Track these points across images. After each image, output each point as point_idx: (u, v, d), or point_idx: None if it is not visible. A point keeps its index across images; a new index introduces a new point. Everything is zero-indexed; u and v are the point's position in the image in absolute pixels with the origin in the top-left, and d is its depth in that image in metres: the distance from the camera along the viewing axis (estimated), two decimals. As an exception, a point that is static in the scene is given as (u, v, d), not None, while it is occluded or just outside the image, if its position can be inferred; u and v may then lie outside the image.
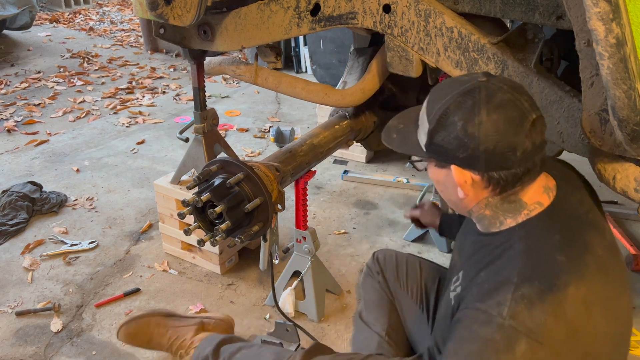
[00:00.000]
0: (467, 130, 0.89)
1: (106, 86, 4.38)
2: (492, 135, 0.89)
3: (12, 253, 2.13)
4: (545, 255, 0.90)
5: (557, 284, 0.85)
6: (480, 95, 0.90)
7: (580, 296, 0.86)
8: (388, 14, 1.29)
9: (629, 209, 2.42)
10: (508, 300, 0.84)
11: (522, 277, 0.87)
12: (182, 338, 1.53)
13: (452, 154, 0.92)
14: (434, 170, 1.01)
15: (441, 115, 0.92)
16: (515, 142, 0.89)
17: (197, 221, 1.25)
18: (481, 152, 0.90)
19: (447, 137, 0.92)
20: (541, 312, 0.83)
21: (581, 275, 0.87)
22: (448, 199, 1.04)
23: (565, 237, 0.93)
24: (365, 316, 1.51)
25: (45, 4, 7.64)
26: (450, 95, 0.93)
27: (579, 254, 0.90)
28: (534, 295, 0.84)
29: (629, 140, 0.90)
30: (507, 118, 0.89)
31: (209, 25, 1.56)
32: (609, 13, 0.79)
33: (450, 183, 0.97)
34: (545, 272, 0.87)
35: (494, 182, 0.93)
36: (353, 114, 1.78)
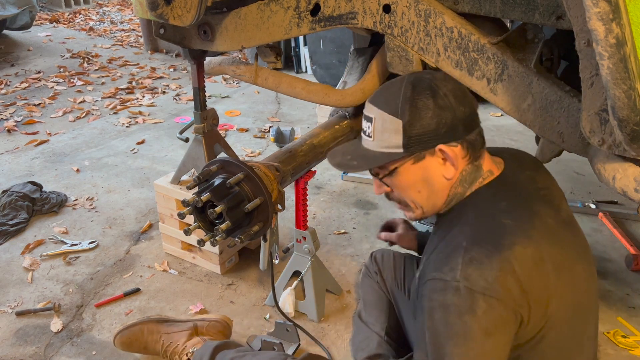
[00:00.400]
0: (440, 105, 0.96)
1: (106, 86, 4.38)
2: (460, 100, 0.98)
3: (12, 253, 2.13)
4: (492, 219, 0.95)
5: (504, 243, 0.90)
6: (426, 77, 0.99)
7: (529, 254, 0.90)
8: (388, 14, 1.29)
9: (629, 209, 2.42)
10: (459, 264, 0.89)
11: (471, 241, 0.92)
12: (175, 344, 1.54)
13: (434, 134, 0.97)
14: (409, 171, 1.02)
15: (410, 104, 0.96)
16: (472, 102, 1.01)
17: (197, 221, 1.25)
18: (458, 119, 0.97)
19: (424, 121, 0.96)
20: (491, 270, 0.88)
21: (528, 236, 0.92)
22: (427, 196, 1.05)
23: (512, 204, 0.98)
24: (364, 316, 1.51)
25: (45, 4, 7.64)
26: (398, 90, 0.99)
27: (526, 219, 0.95)
28: (482, 256, 0.89)
29: (629, 140, 0.90)
30: (457, 85, 1.01)
31: (209, 25, 1.56)
32: (608, 13, 0.79)
33: (433, 172, 1.01)
34: (492, 235, 0.92)
35: (470, 146, 0.99)
36: (353, 114, 1.78)
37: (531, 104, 1.18)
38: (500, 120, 3.70)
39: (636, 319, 1.80)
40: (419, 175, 1.01)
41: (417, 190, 1.04)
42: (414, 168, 1.01)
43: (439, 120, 0.96)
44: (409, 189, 1.04)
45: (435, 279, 0.92)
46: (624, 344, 1.68)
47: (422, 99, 0.96)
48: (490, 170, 1.04)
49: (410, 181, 1.03)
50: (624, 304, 1.87)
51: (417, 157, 1.00)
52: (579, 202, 2.45)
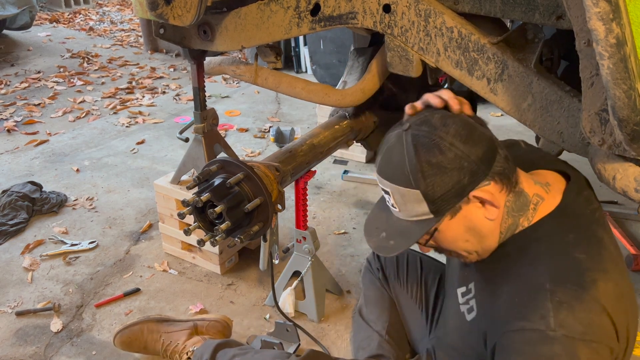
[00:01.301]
0: (450, 158, 0.88)
1: (106, 86, 4.38)
2: (467, 142, 0.89)
3: (12, 253, 2.13)
4: (566, 255, 0.90)
5: (586, 281, 0.85)
6: (423, 132, 0.90)
7: (610, 290, 0.86)
8: (388, 14, 1.29)
9: (629, 209, 2.42)
10: (550, 310, 0.83)
11: (553, 281, 0.86)
12: (175, 343, 1.54)
13: (458, 187, 0.89)
14: (450, 227, 0.95)
15: (420, 171, 0.89)
16: (482, 135, 0.92)
17: (197, 221, 1.25)
18: (475, 161, 0.89)
19: (442, 181, 0.89)
20: (584, 312, 0.83)
21: (604, 270, 0.88)
22: (478, 241, 0.98)
23: (579, 235, 0.93)
24: (365, 313, 1.51)
25: (45, 4, 7.64)
26: (401, 158, 0.91)
27: (596, 250, 0.90)
28: (570, 298, 0.83)
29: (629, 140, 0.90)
30: (459, 126, 0.91)
31: (209, 25, 1.56)
32: (609, 13, 0.79)
33: (476, 219, 0.94)
34: (571, 273, 0.87)
35: (502, 176, 0.92)
36: (353, 113, 1.78)
37: (531, 103, 1.18)
38: (500, 120, 3.70)
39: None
40: (461, 228, 0.95)
41: (465, 240, 0.97)
42: (454, 223, 0.94)
43: (457, 173, 0.88)
44: (455, 242, 0.98)
45: (525, 329, 0.85)
46: (624, 344, 1.68)
47: (430, 161, 0.89)
48: (537, 194, 0.97)
49: (454, 236, 0.96)
50: (624, 304, 1.87)
51: (452, 212, 0.93)
52: (579, 202, 2.45)
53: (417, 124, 0.92)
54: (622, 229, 2.26)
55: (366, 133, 1.88)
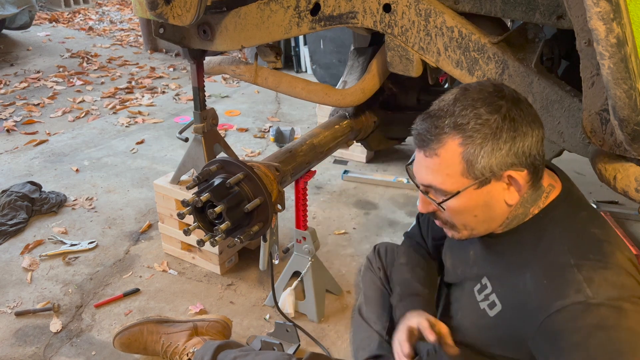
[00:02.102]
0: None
1: (106, 86, 4.38)
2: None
3: (11, 253, 2.13)
4: (583, 231, 0.93)
5: (606, 252, 0.89)
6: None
7: (627, 258, 0.90)
8: (388, 14, 1.29)
9: (630, 209, 2.42)
10: (583, 282, 0.86)
11: (576, 257, 0.89)
12: (175, 344, 1.53)
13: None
14: (471, 196, 0.94)
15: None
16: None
17: (197, 221, 1.25)
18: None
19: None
20: (615, 276, 0.86)
21: (617, 242, 0.92)
22: (484, 220, 0.99)
23: (590, 212, 0.97)
24: (365, 313, 1.50)
25: (44, 3, 7.64)
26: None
27: (607, 225, 0.95)
28: (598, 268, 0.87)
29: (630, 140, 0.90)
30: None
31: (209, 25, 1.56)
32: (609, 13, 0.79)
33: (496, 197, 0.95)
34: (591, 246, 0.90)
35: (535, 170, 0.95)
36: (353, 113, 1.78)
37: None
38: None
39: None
40: (480, 201, 0.95)
41: (474, 215, 0.97)
42: (477, 193, 0.94)
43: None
44: (465, 212, 0.97)
45: (566, 306, 0.86)
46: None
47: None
48: (550, 184, 1.00)
49: (469, 206, 0.96)
50: (624, 304, 1.86)
51: (481, 182, 0.92)
52: (579, 202, 2.45)
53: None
54: (622, 229, 2.26)
55: (366, 133, 1.87)
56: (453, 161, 0.91)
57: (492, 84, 0.94)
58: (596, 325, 0.83)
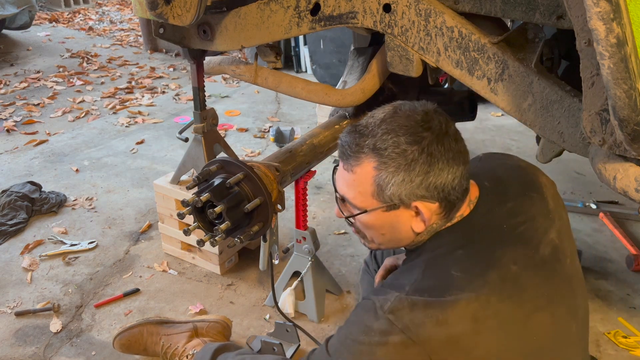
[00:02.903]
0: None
1: (105, 86, 4.38)
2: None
3: (11, 253, 2.13)
4: (442, 269, 0.91)
5: (446, 299, 0.86)
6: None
7: (470, 311, 0.85)
8: (388, 14, 1.29)
9: (630, 209, 2.42)
10: (394, 298, 0.88)
11: (414, 286, 0.89)
12: (175, 345, 1.53)
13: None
14: (379, 216, 0.95)
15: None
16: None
17: (197, 221, 1.25)
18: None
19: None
20: (422, 315, 0.85)
21: (475, 291, 0.87)
22: (390, 239, 1.01)
23: (468, 252, 0.93)
24: None
25: (44, 3, 7.64)
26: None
27: (480, 271, 0.90)
28: (418, 301, 0.86)
29: (630, 140, 0.90)
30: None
31: (209, 25, 1.56)
32: (609, 13, 0.79)
33: (402, 223, 0.96)
34: (437, 287, 0.88)
35: (449, 204, 0.94)
36: (353, 113, 1.78)
37: (532, 103, 1.18)
38: (501, 120, 3.70)
39: (637, 319, 1.79)
40: (387, 222, 0.97)
41: (381, 233, 1.00)
42: (385, 215, 0.95)
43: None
44: (373, 229, 1.00)
45: (368, 299, 0.92)
46: (625, 344, 1.68)
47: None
48: (461, 214, 0.98)
49: (376, 225, 0.98)
50: (625, 304, 1.86)
51: (389, 207, 0.94)
52: (580, 202, 2.45)
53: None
54: (622, 229, 2.26)
55: (366, 133, 1.87)
56: (366, 181, 0.93)
57: (424, 111, 0.92)
58: (361, 323, 0.90)
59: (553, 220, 1.03)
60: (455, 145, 0.92)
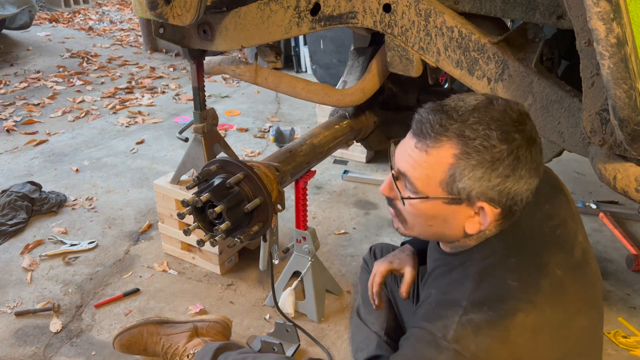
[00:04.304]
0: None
1: (105, 86, 4.38)
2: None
3: (11, 253, 2.13)
4: (498, 279, 0.87)
5: (507, 310, 0.83)
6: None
7: (529, 324, 0.83)
8: (388, 14, 1.29)
9: (630, 209, 2.42)
10: (455, 324, 0.82)
11: (472, 301, 0.85)
12: (175, 345, 1.53)
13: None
14: (436, 207, 0.89)
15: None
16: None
17: (197, 221, 1.25)
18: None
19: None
20: (487, 338, 0.81)
21: (532, 302, 0.85)
22: (434, 232, 0.95)
23: (521, 260, 0.90)
24: (363, 314, 1.51)
25: (44, 3, 7.64)
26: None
27: (533, 279, 0.87)
28: (481, 321, 0.82)
29: (630, 140, 0.90)
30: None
31: (209, 25, 1.56)
32: (609, 13, 0.79)
33: (458, 220, 0.90)
34: (495, 298, 0.85)
35: (509, 214, 0.89)
36: (353, 113, 1.78)
37: (532, 103, 1.18)
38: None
39: (637, 319, 1.79)
40: (442, 215, 0.90)
41: (429, 224, 0.93)
42: (443, 207, 0.89)
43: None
44: (422, 217, 0.93)
45: (425, 329, 0.85)
46: (625, 344, 1.68)
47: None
48: None
49: (429, 214, 0.91)
50: (625, 304, 1.86)
51: (453, 200, 0.88)
52: (580, 202, 2.45)
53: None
54: (622, 229, 2.26)
55: (366, 133, 1.87)
56: (439, 167, 0.86)
57: (520, 112, 0.86)
58: (422, 357, 0.83)
59: (577, 222, 1.02)
60: (539, 157, 0.87)
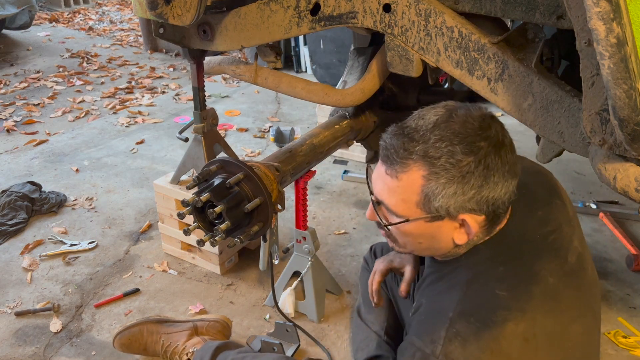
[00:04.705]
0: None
1: (105, 86, 4.38)
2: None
3: (11, 253, 2.13)
4: (486, 289, 0.86)
5: (495, 320, 0.82)
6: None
7: (520, 332, 0.82)
8: (388, 14, 1.29)
9: (630, 209, 2.42)
10: (442, 338, 0.81)
11: (458, 312, 0.84)
12: (175, 343, 1.53)
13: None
14: (420, 226, 0.90)
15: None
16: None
17: (197, 221, 1.25)
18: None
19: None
20: (476, 350, 0.80)
21: (522, 310, 0.84)
22: (425, 248, 0.96)
23: (510, 269, 0.89)
24: (363, 313, 1.51)
25: (44, 3, 7.64)
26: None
27: (523, 287, 0.87)
28: (468, 333, 0.81)
29: (630, 140, 0.90)
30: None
31: (209, 25, 1.56)
32: (609, 13, 0.79)
33: (445, 234, 0.90)
34: (483, 308, 0.84)
35: (495, 217, 0.89)
36: (353, 113, 1.78)
37: (532, 103, 1.18)
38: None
39: (637, 319, 1.79)
40: (427, 232, 0.91)
41: (418, 242, 0.94)
42: (426, 225, 0.89)
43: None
44: (410, 237, 0.94)
45: (414, 345, 0.85)
46: (625, 344, 1.68)
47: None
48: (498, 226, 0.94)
49: (415, 233, 0.92)
50: (625, 304, 1.86)
51: (434, 218, 0.88)
52: (580, 202, 2.45)
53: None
54: (622, 229, 2.26)
55: (366, 133, 1.87)
56: (412, 190, 0.86)
57: (481, 118, 0.86)
58: None
59: (574, 227, 1.01)
60: (510, 157, 0.87)
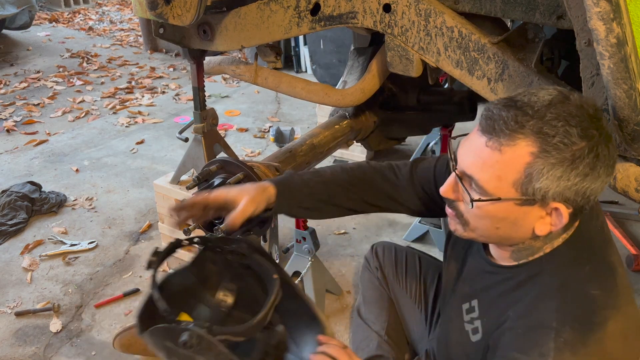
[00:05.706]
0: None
1: (105, 86, 4.37)
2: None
3: (11, 253, 2.13)
4: (581, 292, 0.84)
5: (597, 322, 0.80)
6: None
7: (619, 329, 0.81)
8: (388, 14, 1.29)
9: (630, 209, 2.42)
10: (551, 350, 0.78)
11: (561, 320, 0.81)
12: None
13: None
14: (507, 209, 0.83)
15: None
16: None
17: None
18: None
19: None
20: (585, 356, 0.78)
21: (616, 306, 0.83)
22: (501, 235, 0.88)
23: (595, 267, 0.87)
24: (364, 313, 1.50)
25: (44, 3, 7.64)
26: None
27: (611, 283, 0.85)
28: (576, 340, 0.79)
29: (630, 140, 0.90)
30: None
31: (209, 25, 1.56)
32: (609, 13, 0.79)
33: (528, 221, 0.84)
34: (583, 312, 0.81)
35: (578, 212, 0.84)
36: (353, 113, 1.78)
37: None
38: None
39: (636, 319, 1.79)
40: (512, 216, 0.84)
41: (496, 227, 0.86)
42: (514, 208, 0.82)
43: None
44: (489, 219, 0.86)
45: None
46: (625, 344, 1.68)
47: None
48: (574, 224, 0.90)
49: (498, 216, 0.85)
50: (624, 304, 1.87)
51: (526, 201, 0.81)
52: (579, 202, 2.45)
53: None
54: (622, 229, 2.26)
55: (366, 133, 1.88)
56: (513, 166, 0.79)
57: (595, 107, 0.81)
58: None
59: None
60: (614, 153, 0.82)
